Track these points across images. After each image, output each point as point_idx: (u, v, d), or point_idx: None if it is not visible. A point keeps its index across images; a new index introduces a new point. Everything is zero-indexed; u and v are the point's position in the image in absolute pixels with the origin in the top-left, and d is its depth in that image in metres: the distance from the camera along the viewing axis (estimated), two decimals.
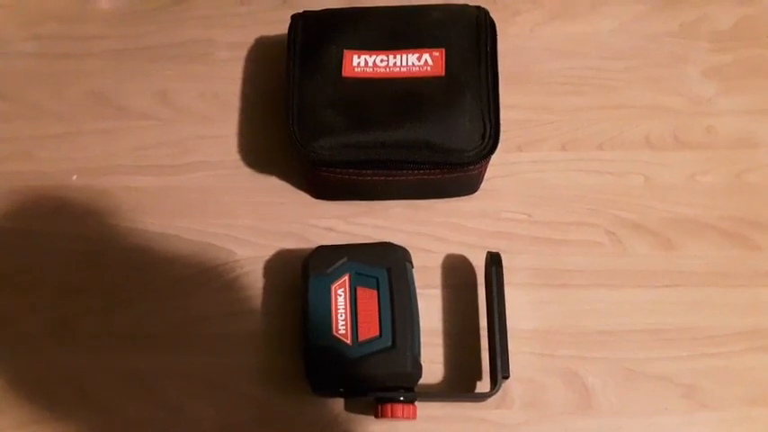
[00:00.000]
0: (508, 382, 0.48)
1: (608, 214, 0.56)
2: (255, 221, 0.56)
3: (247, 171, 0.58)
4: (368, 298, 0.48)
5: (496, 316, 0.48)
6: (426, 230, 0.56)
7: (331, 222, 0.56)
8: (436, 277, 0.54)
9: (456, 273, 0.54)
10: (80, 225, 0.57)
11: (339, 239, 0.54)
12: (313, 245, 0.52)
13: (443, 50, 0.53)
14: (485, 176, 0.55)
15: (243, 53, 0.63)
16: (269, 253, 0.55)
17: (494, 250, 0.52)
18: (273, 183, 0.58)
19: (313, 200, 0.57)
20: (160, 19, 0.65)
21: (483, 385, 0.50)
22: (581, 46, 0.62)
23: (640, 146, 0.58)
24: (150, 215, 0.57)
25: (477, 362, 0.51)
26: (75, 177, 0.58)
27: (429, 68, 0.52)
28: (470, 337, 0.52)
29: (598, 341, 0.51)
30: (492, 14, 0.55)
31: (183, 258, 0.55)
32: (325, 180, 0.54)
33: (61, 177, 0.58)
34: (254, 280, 0.54)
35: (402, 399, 0.46)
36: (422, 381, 0.49)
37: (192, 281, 0.54)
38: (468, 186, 0.56)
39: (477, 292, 0.53)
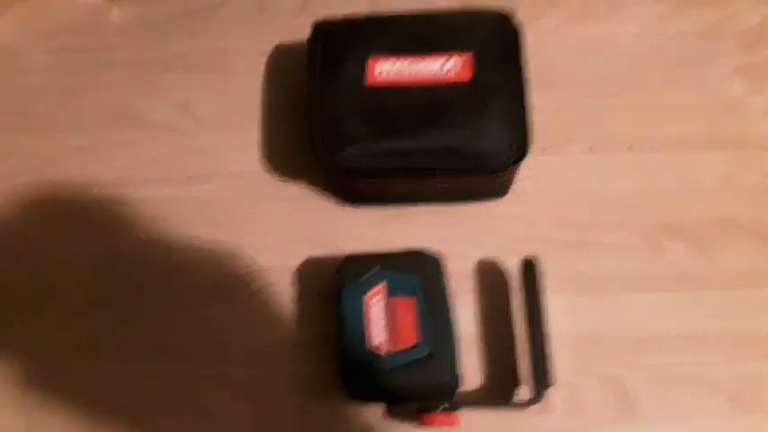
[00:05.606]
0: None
1: (641, 217, 0.55)
2: (282, 229, 0.55)
3: (271, 179, 0.58)
4: (403, 307, 0.47)
5: (536, 323, 0.47)
6: (456, 235, 0.55)
7: (359, 229, 0.55)
8: (467, 282, 0.53)
9: (487, 277, 0.53)
10: (102, 237, 0.56)
11: (368, 246, 0.53)
12: (342, 252, 0.51)
13: (469, 55, 0.51)
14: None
15: (262, 60, 0.62)
16: (297, 261, 0.54)
17: (528, 255, 0.50)
18: (298, 190, 0.57)
19: (339, 206, 0.56)
20: (175, 29, 0.64)
21: (521, 391, 0.49)
22: (606, 47, 0.62)
23: (671, 147, 0.57)
24: (174, 225, 0.56)
25: (513, 367, 0.50)
26: (95, 190, 0.57)
27: (454, 74, 0.51)
28: (505, 342, 0.51)
29: (637, 346, 0.50)
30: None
31: (210, 267, 0.54)
32: (353, 187, 0.53)
33: (81, 189, 0.57)
34: (283, 288, 0.53)
35: (445, 408, 0.45)
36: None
37: (222, 290, 0.54)
38: (496, 190, 0.55)
39: (509, 296, 0.52)
